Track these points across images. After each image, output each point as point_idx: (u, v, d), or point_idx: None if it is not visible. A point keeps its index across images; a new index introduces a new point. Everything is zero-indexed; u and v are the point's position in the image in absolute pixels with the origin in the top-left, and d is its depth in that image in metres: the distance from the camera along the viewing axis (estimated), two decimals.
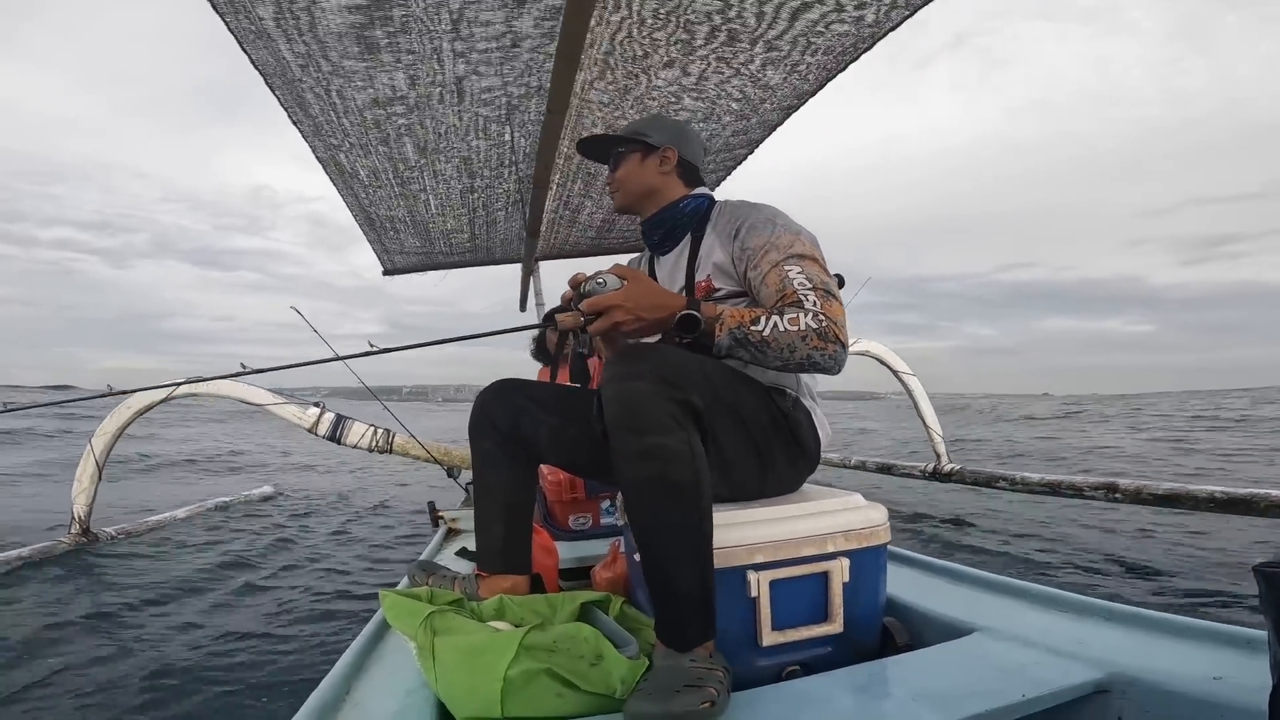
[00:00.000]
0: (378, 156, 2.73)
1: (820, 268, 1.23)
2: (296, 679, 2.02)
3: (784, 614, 1.17)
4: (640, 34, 1.95)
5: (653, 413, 1.02)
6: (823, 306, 1.15)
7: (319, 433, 3.64)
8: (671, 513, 1.02)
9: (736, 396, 1.22)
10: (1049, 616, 1.27)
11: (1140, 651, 1.06)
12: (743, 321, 1.15)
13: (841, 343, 1.15)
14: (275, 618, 2.60)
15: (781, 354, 1.14)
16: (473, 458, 1.46)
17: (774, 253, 1.24)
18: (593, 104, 2.38)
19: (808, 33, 1.94)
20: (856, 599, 1.22)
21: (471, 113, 2.41)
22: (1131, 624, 1.18)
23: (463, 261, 4.42)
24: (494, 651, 0.94)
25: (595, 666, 0.96)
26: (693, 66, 2.15)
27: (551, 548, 1.84)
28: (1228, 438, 10.36)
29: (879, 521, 1.26)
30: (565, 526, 2.39)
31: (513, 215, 3.58)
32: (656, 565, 1.04)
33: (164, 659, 2.14)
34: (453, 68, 2.09)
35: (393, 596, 1.20)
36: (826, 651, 1.20)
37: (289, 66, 2.00)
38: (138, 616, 2.56)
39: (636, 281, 1.17)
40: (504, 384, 1.48)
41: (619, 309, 1.13)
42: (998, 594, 1.41)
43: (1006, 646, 1.13)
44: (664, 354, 1.10)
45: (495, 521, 1.43)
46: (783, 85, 2.26)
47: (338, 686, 1.08)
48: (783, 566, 1.18)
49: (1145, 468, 7.04)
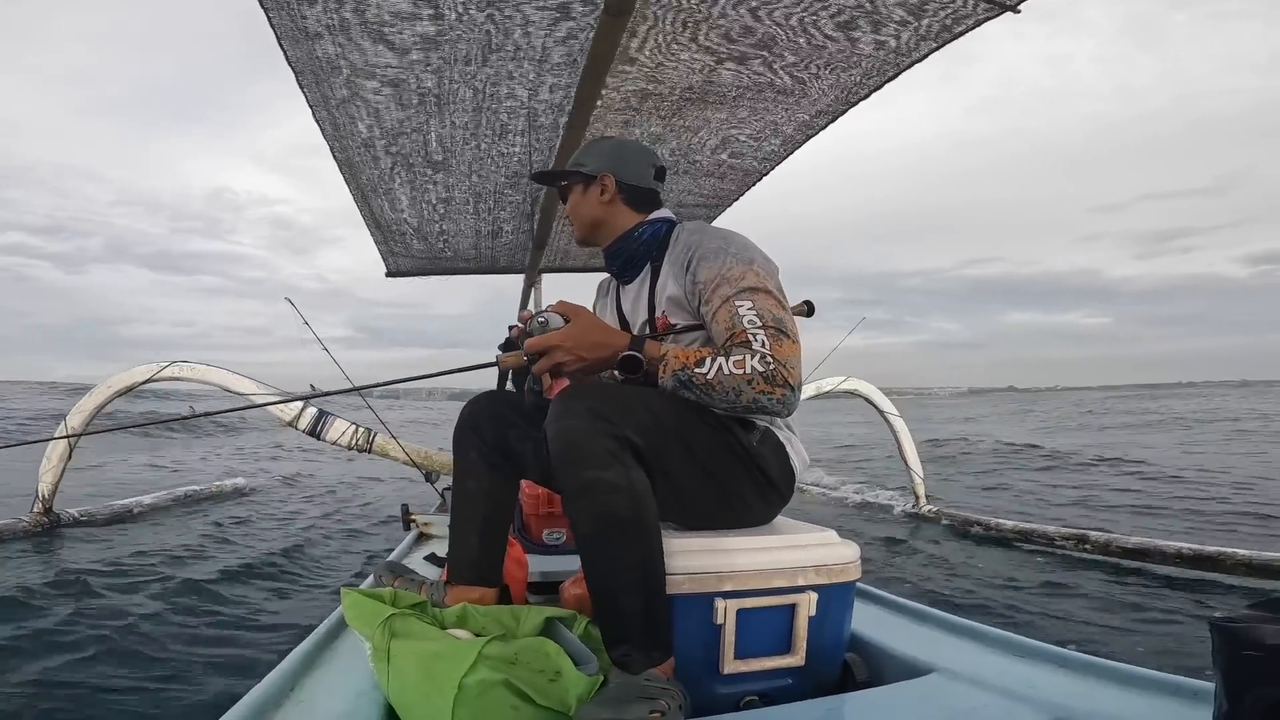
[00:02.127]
0: (394, 157, 2.73)
1: (775, 301, 1.19)
2: (243, 671, 1.98)
3: (748, 643, 1.17)
4: (665, 42, 1.91)
5: (588, 448, 1.04)
6: (771, 347, 1.12)
7: (300, 426, 3.61)
8: (612, 544, 1.04)
9: (687, 430, 1.18)
10: (1004, 659, 1.28)
11: (1088, 696, 1.08)
12: (686, 363, 1.12)
13: (790, 385, 1.12)
14: (228, 609, 2.56)
15: (727, 397, 1.12)
16: (455, 466, 1.44)
17: (725, 286, 1.19)
18: (614, 118, 2.39)
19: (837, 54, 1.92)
20: (821, 633, 1.22)
21: (494, 120, 2.42)
22: (1082, 671, 1.19)
23: (467, 268, 4.42)
24: (452, 659, 0.93)
25: (553, 682, 0.95)
26: (719, 78, 2.11)
27: (523, 560, 1.82)
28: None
29: (850, 559, 1.26)
30: (538, 540, 2.38)
31: (521, 225, 3.59)
32: (601, 593, 1.06)
33: (107, 645, 2.09)
34: (481, 72, 2.11)
35: (354, 595, 1.19)
36: (786, 684, 1.20)
37: (321, 65, 2.02)
38: (87, 601, 2.49)
39: (578, 320, 1.17)
40: (493, 395, 1.46)
41: (559, 349, 1.14)
42: (958, 635, 1.43)
43: (962, 688, 1.14)
44: (604, 391, 1.12)
45: (471, 532, 1.41)
46: (813, 97, 2.21)
47: (283, 682, 1.06)
48: (751, 596, 1.17)
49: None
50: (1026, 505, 5.99)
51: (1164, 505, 5.67)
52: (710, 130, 2.46)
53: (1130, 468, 8.11)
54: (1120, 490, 6.60)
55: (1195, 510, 5.39)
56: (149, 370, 3.43)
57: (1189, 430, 14.46)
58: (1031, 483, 7.41)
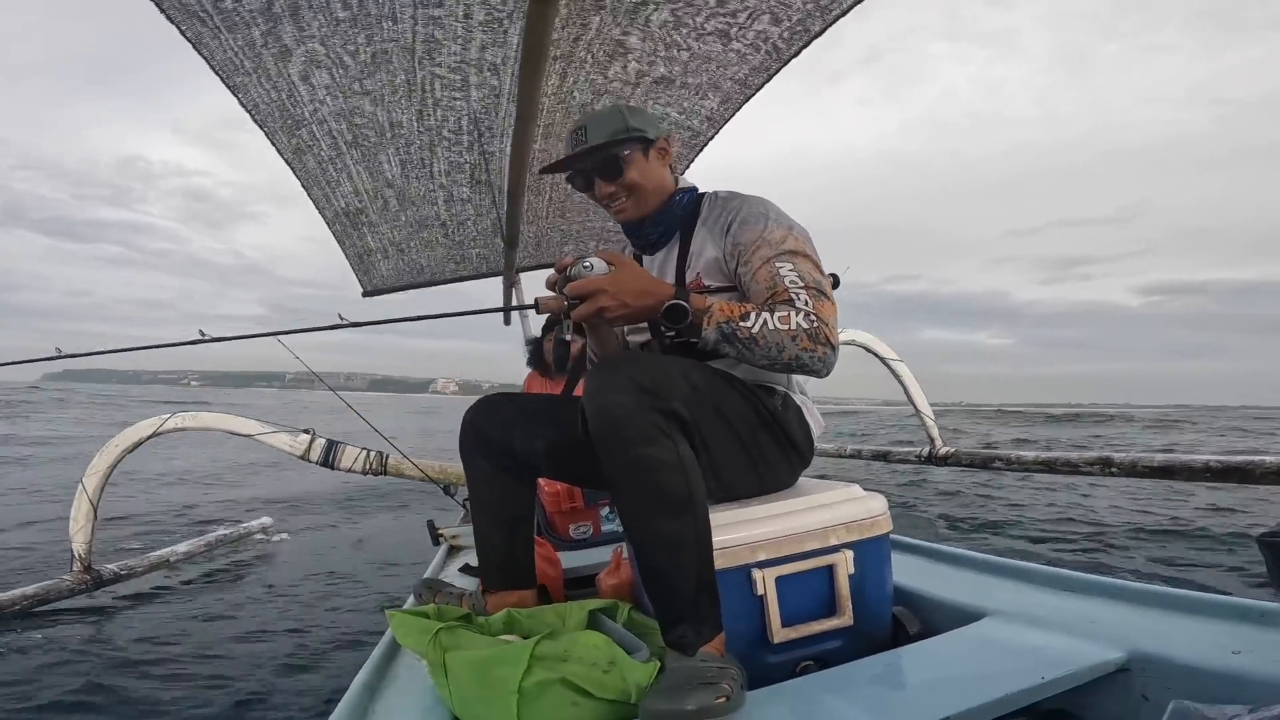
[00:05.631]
0: (357, 179, 2.74)
1: (813, 265, 1.20)
2: (312, 707, 1.99)
3: (792, 610, 1.17)
4: (600, 27, 1.92)
5: (636, 423, 1.01)
6: (815, 306, 1.12)
7: (311, 459, 3.61)
8: (665, 521, 1.02)
9: (722, 399, 1.19)
10: (1059, 597, 1.26)
11: (1155, 629, 1.05)
12: (731, 316, 1.11)
13: (831, 344, 1.12)
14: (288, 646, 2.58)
15: (769, 352, 1.10)
16: (466, 475, 1.42)
17: (765, 248, 1.20)
18: (569, 106, 2.37)
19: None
20: (864, 590, 1.22)
21: (439, 127, 2.43)
22: (1143, 601, 1.17)
23: (443, 279, 4.40)
24: (506, 663, 0.93)
25: (608, 673, 0.95)
26: (654, 55, 2.10)
27: (554, 558, 1.83)
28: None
29: (879, 511, 1.26)
30: (566, 536, 2.38)
31: (488, 228, 3.58)
32: (655, 573, 1.04)
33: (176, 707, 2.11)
34: (420, 84, 2.11)
35: (400, 615, 1.18)
36: (838, 645, 1.20)
37: (284, 105, 2.05)
38: (149, 665, 2.52)
39: (624, 267, 1.14)
40: (492, 399, 1.44)
41: (604, 294, 1.10)
42: (1005, 577, 1.41)
43: (1020, 629, 1.13)
44: (644, 362, 1.09)
45: (495, 538, 1.40)
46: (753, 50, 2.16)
47: (355, 708, 1.06)
48: (787, 563, 1.17)
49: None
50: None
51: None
52: (648, 90, 2.40)
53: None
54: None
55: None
56: (155, 424, 3.46)
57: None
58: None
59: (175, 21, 1.63)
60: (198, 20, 1.66)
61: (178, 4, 1.58)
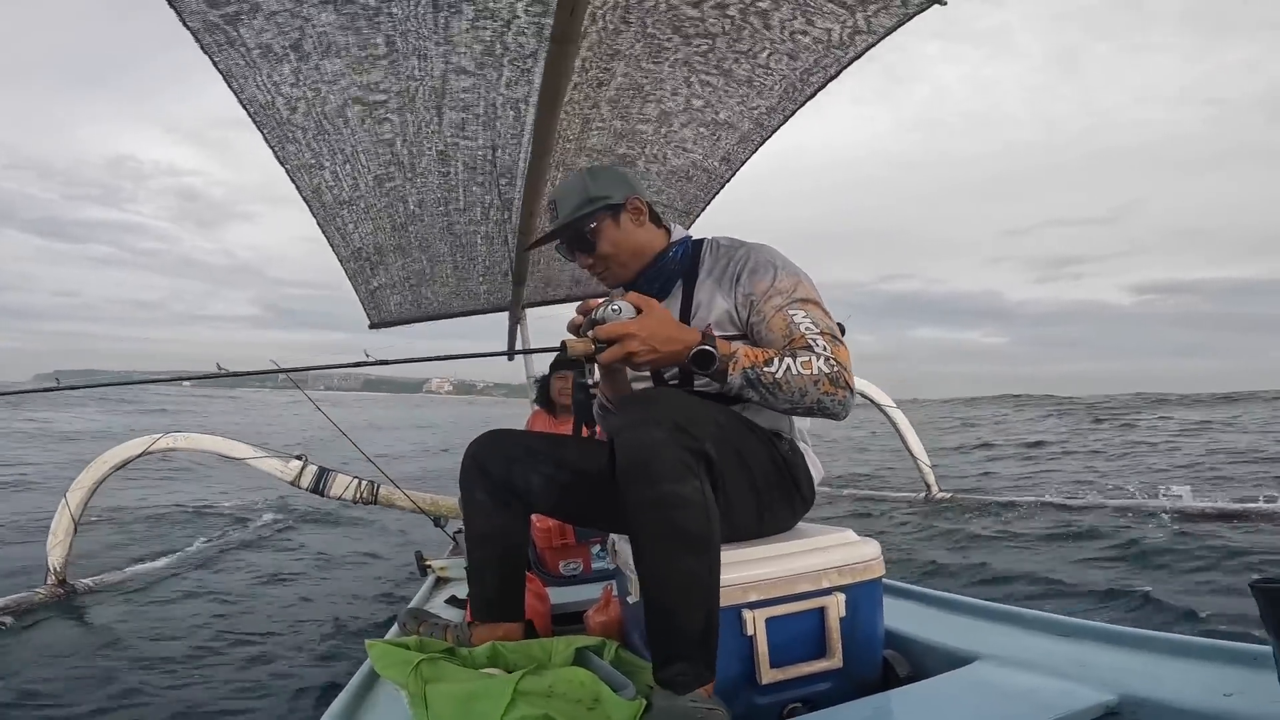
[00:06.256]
0: (374, 214, 2.78)
1: (823, 312, 1.22)
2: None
3: (781, 651, 1.15)
4: (620, 71, 1.97)
5: (667, 460, 1.01)
6: (833, 351, 1.14)
7: (302, 485, 3.59)
8: (684, 559, 1.01)
9: (743, 442, 1.20)
10: (1049, 641, 1.25)
11: (1146, 672, 1.05)
12: (756, 361, 1.11)
13: (850, 388, 1.14)
14: (256, 669, 2.51)
15: (792, 396, 1.11)
16: (464, 507, 1.41)
17: (778, 297, 1.22)
18: (584, 149, 2.42)
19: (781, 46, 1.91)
20: (854, 633, 1.20)
21: (459, 165, 2.47)
22: (1133, 645, 1.16)
23: (450, 313, 4.42)
24: (489, 698, 0.91)
25: (593, 710, 0.93)
26: (675, 94, 2.14)
27: (543, 594, 1.81)
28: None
29: (872, 556, 1.25)
30: (556, 572, 2.36)
31: (498, 265, 3.61)
32: (663, 611, 1.02)
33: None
34: (438, 125, 2.16)
35: (380, 645, 1.17)
36: (827, 687, 1.18)
37: (304, 150, 2.14)
38: (118, 672, 2.45)
39: (651, 311, 1.14)
40: (496, 434, 1.44)
41: (634, 338, 1.09)
42: (996, 621, 1.40)
43: (1011, 672, 1.11)
44: (677, 400, 1.10)
45: (488, 571, 1.39)
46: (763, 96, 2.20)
47: None
48: (778, 604, 1.16)
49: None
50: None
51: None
52: (668, 131, 2.45)
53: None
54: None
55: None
56: (144, 443, 3.44)
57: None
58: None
59: (209, 53, 1.66)
60: (231, 49, 1.68)
61: (211, 37, 1.60)
